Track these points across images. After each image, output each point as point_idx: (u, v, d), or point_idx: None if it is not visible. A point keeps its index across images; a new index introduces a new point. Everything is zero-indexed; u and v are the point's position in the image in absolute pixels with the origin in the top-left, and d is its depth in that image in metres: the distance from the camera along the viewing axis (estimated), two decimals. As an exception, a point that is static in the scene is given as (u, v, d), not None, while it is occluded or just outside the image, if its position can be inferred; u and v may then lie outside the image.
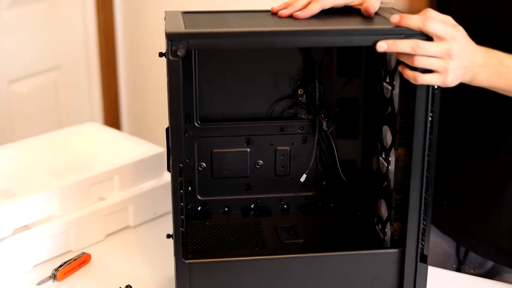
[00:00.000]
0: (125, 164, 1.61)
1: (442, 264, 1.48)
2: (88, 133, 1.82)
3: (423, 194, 1.24)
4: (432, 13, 1.14)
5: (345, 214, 1.45)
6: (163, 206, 1.66)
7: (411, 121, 1.21)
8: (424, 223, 1.25)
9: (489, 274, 1.45)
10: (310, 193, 1.46)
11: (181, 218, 1.23)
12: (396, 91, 1.26)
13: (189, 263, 1.23)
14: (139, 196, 1.62)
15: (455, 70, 1.14)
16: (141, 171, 1.64)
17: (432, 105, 1.19)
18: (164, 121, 1.29)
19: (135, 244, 1.56)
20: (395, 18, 1.14)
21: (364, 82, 1.40)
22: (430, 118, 1.20)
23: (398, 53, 1.15)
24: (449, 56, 1.13)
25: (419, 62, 1.13)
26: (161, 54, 1.30)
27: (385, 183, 1.33)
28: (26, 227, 1.47)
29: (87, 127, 1.86)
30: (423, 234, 1.26)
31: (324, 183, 1.46)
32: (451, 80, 1.15)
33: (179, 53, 1.12)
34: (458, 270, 1.50)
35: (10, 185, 1.61)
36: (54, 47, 2.99)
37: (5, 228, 1.40)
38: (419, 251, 1.26)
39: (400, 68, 1.19)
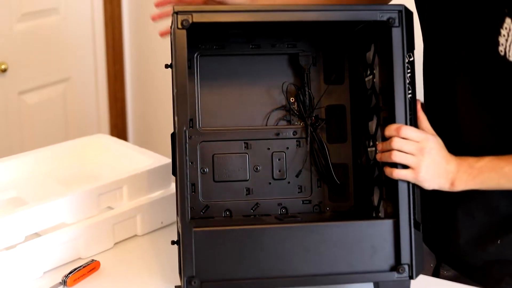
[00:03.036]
0: (134, 174, 1.65)
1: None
2: (97, 144, 1.88)
3: None
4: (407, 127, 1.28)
5: (341, 213, 1.51)
6: (170, 215, 1.71)
7: (390, 99, 1.33)
8: (413, 192, 1.32)
9: None
10: (307, 197, 1.52)
11: (187, 183, 1.29)
12: (377, 79, 1.38)
13: (195, 230, 1.28)
14: (147, 206, 1.66)
15: (427, 167, 1.28)
16: (149, 181, 1.68)
17: (410, 77, 1.31)
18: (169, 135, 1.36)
19: (143, 252, 1.61)
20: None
21: (349, 88, 1.50)
22: (409, 91, 1.31)
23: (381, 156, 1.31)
24: (422, 153, 1.27)
25: (396, 156, 1.28)
26: (167, 66, 1.38)
27: (376, 172, 1.41)
28: (37, 234, 1.52)
29: (97, 138, 1.91)
30: (414, 203, 1.32)
31: (319, 186, 1.51)
32: (423, 177, 1.28)
33: (184, 23, 1.25)
34: (437, 267, 1.55)
35: (21, 193, 1.66)
36: (63, 60, 3.06)
37: (17, 235, 1.46)
38: (412, 219, 1.32)
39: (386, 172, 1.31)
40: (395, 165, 1.31)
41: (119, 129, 3.26)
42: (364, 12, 1.32)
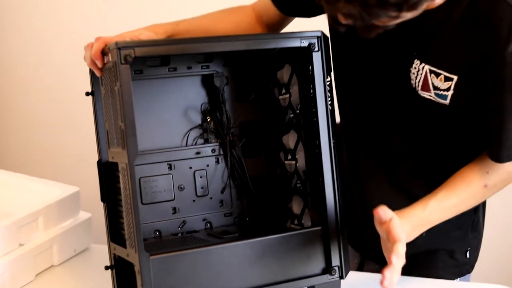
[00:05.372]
0: (48, 204, 1.65)
1: None
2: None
3: (335, 175, 1.43)
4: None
5: (260, 222, 1.60)
6: (81, 243, 1.72)
7: (311, 117, 1.43)
8: (338, 201, 1.44)
9: None
10: (228, 210, 1.59)
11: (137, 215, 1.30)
12: (294, 97, 1.48)
13: (152, 258, 1.29)
14: (61, 235, 1.66)
15: None
16: (61, 211, 1.69)
17: (330, 96, 1.42)
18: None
19: (64, 282, 1.61)
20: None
21: (259, 105, 1.59)
22: (330, 108, 1.42)
23: None
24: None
25: None
26: (88, 94, 1.41)
27: (294, 182, 1.51)
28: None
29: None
30: (340, 211, 1.44)
31: (238, 199, 1.59)
32: None
33: (128, 58, 1.27)
34: (361, 264, 1.69)
35: None
36: None
37: None
38: (339, 225, 1.43)
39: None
40: None
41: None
42: (287, 39, 1.40)
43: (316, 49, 1.42)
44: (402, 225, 1.35)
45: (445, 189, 1.45)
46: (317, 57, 1.42)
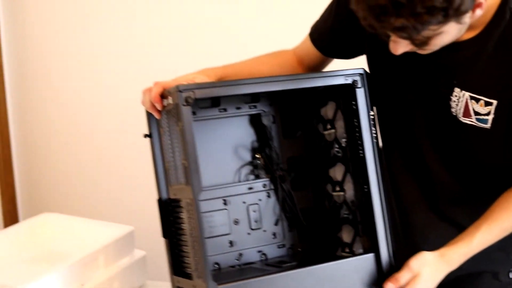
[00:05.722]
0: (106, 244, 1.73)
1: None
2: (48, 223, 1.92)
3: (383, 204, 1.53)
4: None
5: (312, 252, 1.67)
6: (138, 280, 1.79)
7: (358, 149, 1.52)
8: (389, 228, 1.53)
9: None
10: (280, 242, 1.67)
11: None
12: (340, 131, 1.58)
13: (220, 287, 1.37)
14: (120, 273, 1.74)
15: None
16: (119, 249, 1.76)
17: (374, 131, 1.53)
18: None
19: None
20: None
21: (304, 140, 1.68)
22: (375, 140, 1.52)
23: None
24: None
25: None
26: (146, 136, 1.50)
27: (342, 212, 1.60)
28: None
29: (45, 217, 1.95)
30: (390, 236, 1.53)
31: (289, 231, 1.67)
32: None
33: (189, 100, 1.37)
34: None
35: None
36: None
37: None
38: (390, 250, 1.52)
39: None
40: None
41: (12, 215, 3.23)
42: (332, 77, 1.51)
43: (359, 85, 1.52)
44: (431, 261, 1.49)
45: (488, 221, 1.52)
46: (360, 93, 1.52)
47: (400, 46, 1.39)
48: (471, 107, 1.50)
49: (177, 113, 1.39)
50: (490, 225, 1.52)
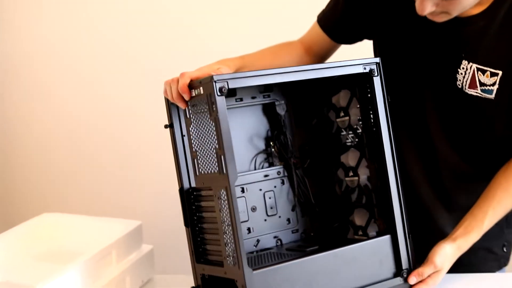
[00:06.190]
0: (118, 238, 1.73)
1: None
2: (51, 222, 1.90)
3: (399, 187, 1.58)
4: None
5: (324, 236, 1.73)
6: (147, 273, 1.81)
7: (374, 135, 1.58)
8: (404, 209, 1.59)
9: None
10: (294, 227, 1.72)
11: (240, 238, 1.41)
12: (353, 118, 1.64)
13: (255, 272, 1.41)
14: (131, 267, 1.74)
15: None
16: (130, 244, 1.77)
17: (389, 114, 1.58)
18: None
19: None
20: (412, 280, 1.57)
21: (316, 128, 1.74)
22: (391, 127, 1.57)
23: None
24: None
25: None
26: (166, 126, 1.53)
27: (354, 196, 1.67)
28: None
29: (47, 217, 1.93)
30: (405, 217, 1.59)
31: (302, 216, 1.72)
32: None
33: (223, 90, 1.40)
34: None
35: (9, 277, 1.64)
36: None
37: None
38: (406, 231, 1.58)
39: None
40: None
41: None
42: (350, 67, 1.55)
43: (376, 74, 1.57)
44: (451, 255, 1.59)
45: (492, 205, 1.62)
46: (377, 81, 1.57)
47: (426, 5, 1.47)
48: (477, 78, 1.59)
49: (210, 103, 1.42)
50: (495, 208, 1.62)
